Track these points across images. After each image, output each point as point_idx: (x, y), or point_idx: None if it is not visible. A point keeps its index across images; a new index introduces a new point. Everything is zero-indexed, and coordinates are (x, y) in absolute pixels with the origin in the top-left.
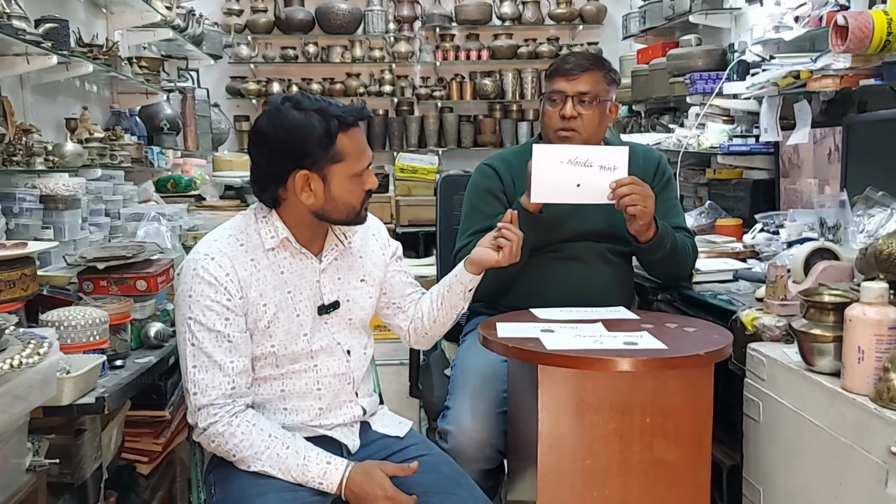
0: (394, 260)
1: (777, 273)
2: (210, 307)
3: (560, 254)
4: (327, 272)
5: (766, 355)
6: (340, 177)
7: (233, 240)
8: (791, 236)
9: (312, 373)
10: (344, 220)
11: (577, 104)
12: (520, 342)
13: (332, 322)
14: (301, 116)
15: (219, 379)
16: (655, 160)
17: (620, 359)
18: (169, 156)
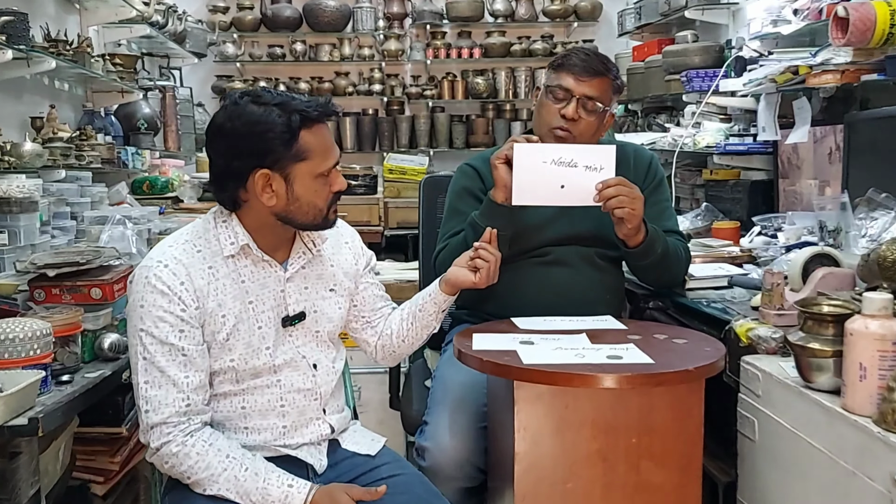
0: (367, 271)
1: (773, 280)
2: (163, 318)
3: (546, 258)
4: (293, 281)
5: (761, 370)
6: (304, 176)
7: (189, 245)
8: (789, 240)
9: (275, 388)
10: (310, 223)
11: (580, 107)
12: (495, 356)
13: (298, 335)
14: (261, 111)
15: (172, 395)
16: (647, 160)
17: (602, 374)
18: (146, 156)
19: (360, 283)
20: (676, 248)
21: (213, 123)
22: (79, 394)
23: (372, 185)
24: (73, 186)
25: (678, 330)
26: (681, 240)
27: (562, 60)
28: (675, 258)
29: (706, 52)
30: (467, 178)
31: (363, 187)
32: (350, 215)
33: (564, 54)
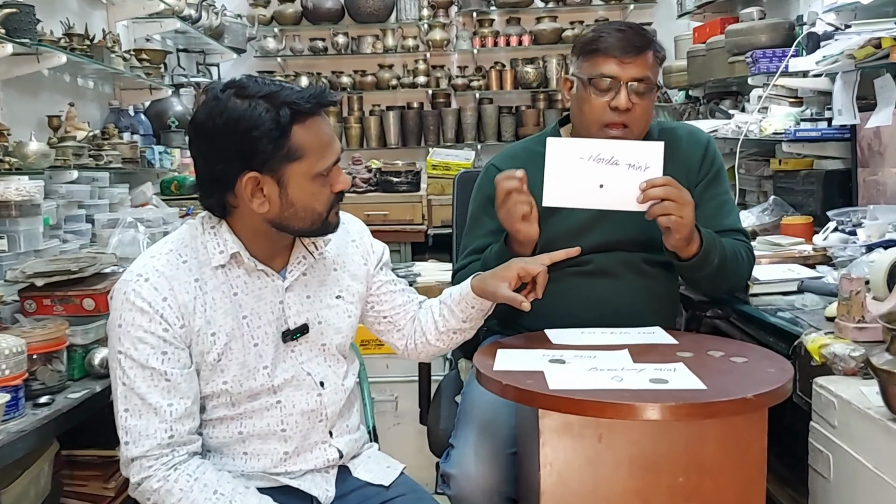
0: (379, 269)
1: (852, 287)
2: (143, 339)
3: (585, 268)
4: (293, 291)
5: (836, 395)
6: (299, 178)
7: (174, 256)
8: (871, 238)
9: (275, 410)
10: (308, 229)
11: (631, 93)
12: (518, 378)
13: (301, 349)
14: (245, 105)
15: (154, 426)
16: (702, 145)
17: (642, 404)
18: (175, 155)
19: (373, 284)
20: (737, 252)
21: (193, 121)
22: (54, 417)
23: (415, 181)
24: (85, 188)
25: (738, 345)
26: (743, 240)
27: (595, 44)
28: (734, 265)
29: (774, 29)
30: (491, 183)
31: (406, 184)
32: (392, 214)
33: (594, 36)
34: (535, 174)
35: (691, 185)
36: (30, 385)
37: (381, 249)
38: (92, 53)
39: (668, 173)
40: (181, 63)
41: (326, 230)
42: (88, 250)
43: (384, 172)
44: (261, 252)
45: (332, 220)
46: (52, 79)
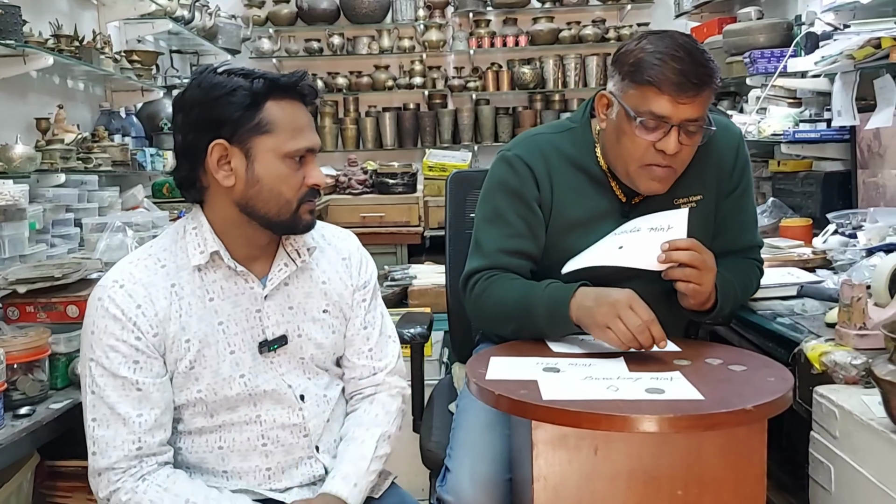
0: (359, 302)
1: (853, 294)
2: (114, 347)
3: None
4: (273, 300)
5: (838, 405)
6: (267, 154)
7: (152, 261)
8: (871, 241)
9: (255, 425)
10: (275, 217)
11: (681, 134)
12: (512, 388)
13: (280, 361)
14: (224, 78)
15: (122, 436)
16: (735, 141)
17: (638, 416)
18: (168, 157)
19: (348, 320)
20: (748, 283)
21: (176, 98)
22: (34, 428)
23: (411, 183)
24: (73, 191)
25: (736, 353)
26: (757, 259)
27: (647, 73)
28: (743, 298)
29: (772, 29)
30: (516, 177)
31: (402, 186)
32: (388, 215)
33: (646, 61)
34: (562, 175)
35: (723, 192)
36: (9, 395)
37: (369, 274)
38: (81, 55)
39: (698, 185)
40: (174, 64)
41: (296, 225)
42: (75, 255)
43: (380, 174)
44: (240, 251)
45: (303, 216)
46: (41, 80)
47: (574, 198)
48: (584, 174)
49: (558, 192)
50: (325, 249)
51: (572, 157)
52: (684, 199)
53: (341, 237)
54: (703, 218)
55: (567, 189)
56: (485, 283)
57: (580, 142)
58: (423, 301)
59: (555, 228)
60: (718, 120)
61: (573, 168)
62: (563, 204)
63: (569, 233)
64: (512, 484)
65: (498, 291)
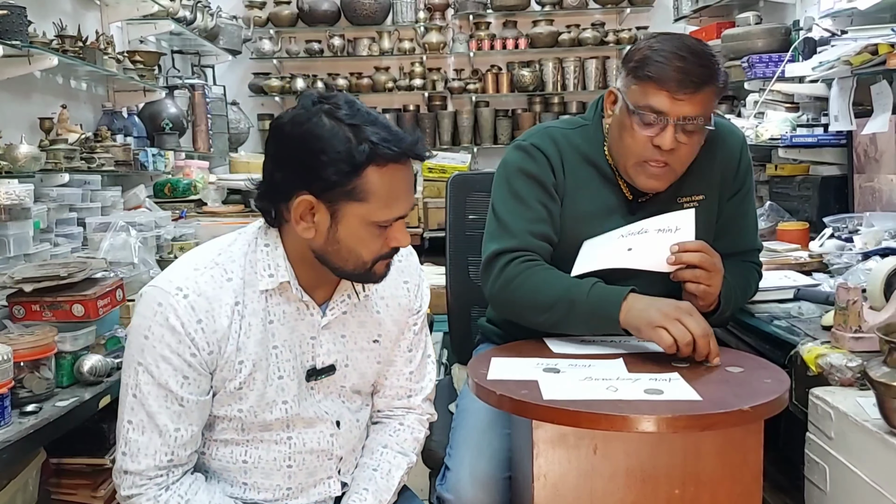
0: (412, 320)
1: (849, 297)
2: (167, 359)
3: None
4: (330, 329)
5: (833, 407)
6: (354, 219)
7: (219, 271)
8: (868, 245)
9: (284, 447)
10: (349, 272)
11: (678, 131)
12: (512, 388)
13: (320, 387)
14: (328, 125)
15: (155, 446)
16: (737, 147)
17: (636, 416)
18: (169, 158)
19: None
20: (747, 286)
21: (276, 119)
22: (41, 426)
23: None
24: (76, 191)
25: (734, 354)
26: (756, 263)
27: (648, 69)
28: (742, 301)
29: (770, 34)
30: (534, 163)
31: None
32: None
33: (649, 56)
34: (574, 168)
35: (726, 194)
36: (16, 393)
37: (424, 299)
38: (84, 55)
39: (701, 185)
40: (176, 65)
41: (369, 280)
42: (79, 255)
43: None
44: (307, 279)
45: (377, 271)
46: (45, 81)
47: (584, 191)
48: (594, 169)
49: (570, 184)
50: (388, 274)
51: (584, 151)
52: (687, 198)
53: (404, 255)
54: (704, 219)
55: (578, 182)
56: (519, 266)
57: (591, 138)
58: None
59: (564, 219)
60: (722, 123)
61: (584, 162)
62: (573, 196)
63: (577, 225)
64: (511, 482)
65: (537, 279)
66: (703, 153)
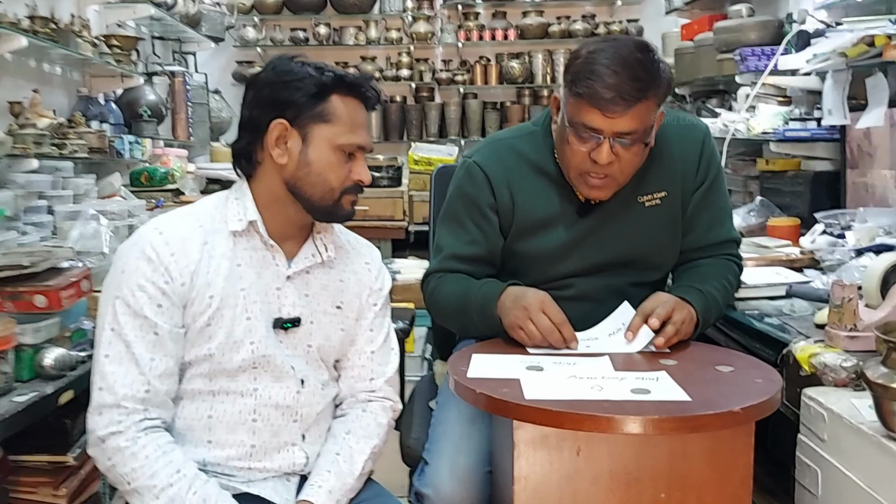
0: (372, 298)
1: (844, 294)
2: (143, 287)
3: (566, 292)
4: (294, 282)
5: (827, 408)
6: (322, 141)
7: (192, 219)
8: (861, 241)
9: (250, 399)
10: (318, 201)
11: (615, 144)
12: (493, 386)
13: (289, 342)
14: (297, 66)
15: (132, 376)
16: (698, 139)
17: (622, 417)
18: (146, 145)
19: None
20: (727, 286)
21: (249, 77)
22: None
23: (396, 177)
24: (46, 178)
25: (723, 353)
26: (733, 256)
27: (581, 87)
28: (725, 302)
29: (763, 27)
30: (475, 186)
31: (387, 179)
32: (372, 209)
33: (584, 73)
34: (521, 179)
35: (689, 188)
36: None
37: (384, 283)
38: (57, 38)
39: (661, 181)
40: (156, 51)
41: (336, 212)
42: (46, 243)
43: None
44: (275, 228)
45: (344, 206)
46: (16, 63)
47: (534, 200)
48: (543, 176)
49: (519, 195)
50: (350, 253)
51: (532, 160)
52: (647, 196)
53: (367, 246)
54: (669, 215)
55: (527, 192)
56: (436, 282)
57: (540, 145)
58: (407, 296)
59: (518, 230)
60: (682, 117)
61: (533, 171)
62: (524, 206)
63: (531, 233)
64: (492, 477)
65: (443, 290)
66: (662, 149)
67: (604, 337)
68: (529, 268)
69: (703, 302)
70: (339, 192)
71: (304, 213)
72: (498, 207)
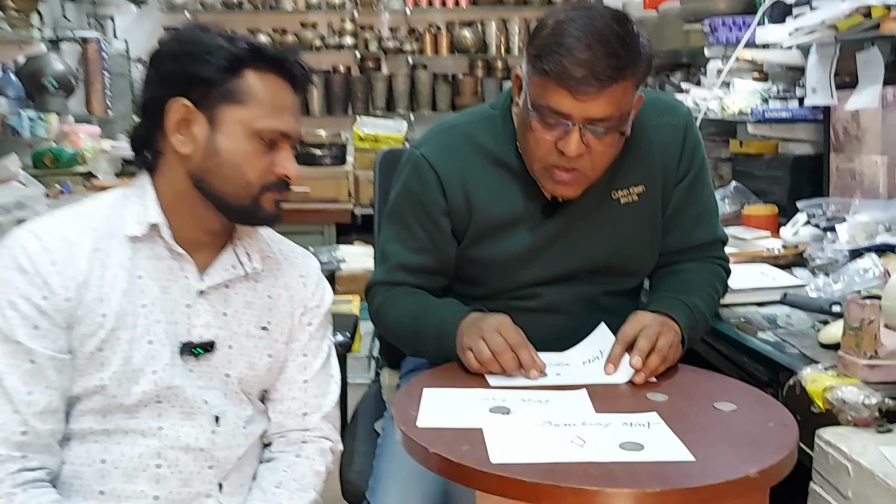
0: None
1: (864, 315)
2: (14, 304)
3: (531, 303)
4: (208, 299)
5: (851, 459)
6: (235, 126)
7: (82, 220)
8: (857, 239)
9: (153, 439)
10: (232, 199)
11: (586, 132)
12: (450, 441)
13: (201, 371)
14: (206, 35)
15: (5, 415)
16: (681, 125)
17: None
18: (52, 122)
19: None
20: (714, 295)
21: (151, 51)
22: None
23: (340, 155)
24: None
25: (718, 381)
26: (719, 259)
27: (548, 63)
28: (711, 314)
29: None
30: (423, 186)
31: (330, 158)
32: (314, 191)
33: (552, 47)
34: (478, 174)
35: (670, 181)
36: None
37: (322, 300)
38: None
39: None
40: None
41: (256, 214)
42: None
43: (305, 144)
44: (184, 233)
45: (265, 206)
46: None
47: (493, 198)
48: (503, 170)
49: (477, 194)
50: (282, 264)
51: (490, 150)
52: (623, 191)
53: (301, 255)
54: (648, 213)
55: (485, 189)
56: (383, 296)
57: (499, 132)
58: (353, 287)
59: (475, 233)
60: (663, 99)
61: (491, 164)
62: (481, 206)
63: (490, 237)
64: None
65: (393, 310)
66: (639, 136)
67: (577, 364)
68: (488, 276)
69: (689, 318)
70: (257, 188)
71: (217, 215)
72: (450, 210)
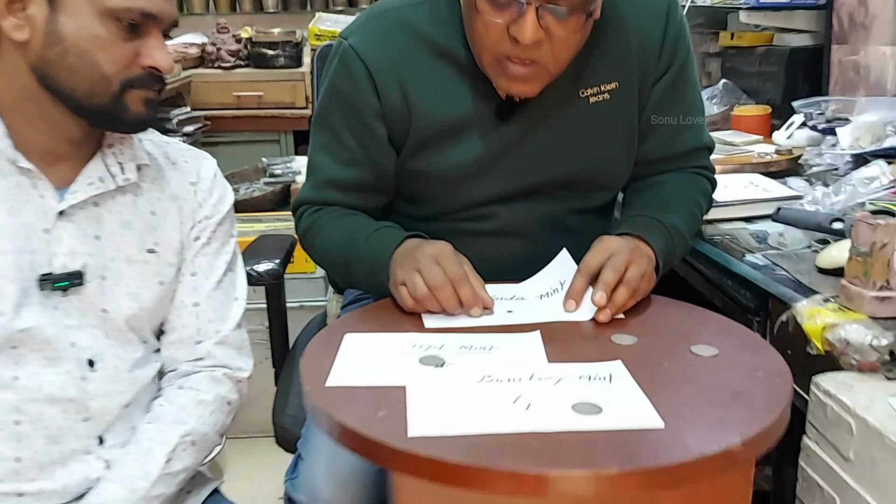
0: (196, 230)
1: (875, 238)
2: None
3: (486, 224)
4: (73, 221)
5: (855, 415)
6: (80, 4)
7: None
8: (861, 142)
9: (9, 392)
10: (86, 98)
11: (544, 13)
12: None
13: (69, 307)
14: None
15: None
16: (661, 8)
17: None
18: None
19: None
20: (696, 213)
21: None
22: None
23: (295, 55)
24: None
25: (698, 315)
26: (704, 169)
27: None
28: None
29: None
30: (352, 83)
31: (284, 58)
32: (267, 95)
33: None
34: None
35: (650, 74)
36: None
37: (216, 207)
38: None
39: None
40: None
41: (118, 115)
42: None
43: (257, 43)
44: (35, 142)
45: (130, 106)
46: None
47: (437, 98)
48: (449, 64)
49: (416, 93)
50: (166, 171)
51: (432, 40)
52: (593, 88)
53: (194, 157)
54: (622, 115)
55: (428, 87)
56: (309, 218)
57: (444, 19)
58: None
59: (416, 141)
60: None
61: (434, 56)
62: (423, 108)
63: (434, 145)
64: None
65: (320, 236)
66: (611, 22)
67: (532, 299)
68: (433, 193)
69: (665, 242)
70: (118, 83)
71: (74, 119)
72: (385, 112)
